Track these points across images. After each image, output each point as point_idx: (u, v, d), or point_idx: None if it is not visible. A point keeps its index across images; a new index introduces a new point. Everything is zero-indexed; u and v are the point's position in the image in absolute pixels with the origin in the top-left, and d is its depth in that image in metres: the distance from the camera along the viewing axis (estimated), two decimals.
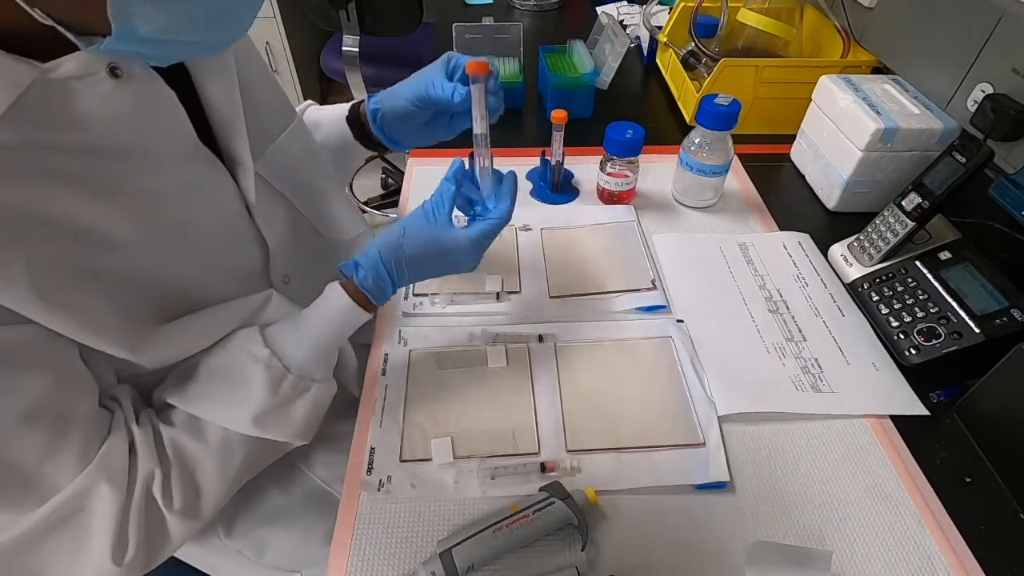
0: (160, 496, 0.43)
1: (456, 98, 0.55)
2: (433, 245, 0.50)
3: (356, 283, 0.50)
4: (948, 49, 0.67)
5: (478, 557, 0.43)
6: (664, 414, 0.54)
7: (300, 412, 0.49)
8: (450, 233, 0.50)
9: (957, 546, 0.46)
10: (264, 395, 0.46)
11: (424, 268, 0.52)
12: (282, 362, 0.48)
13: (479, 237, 0.51)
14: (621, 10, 1.23)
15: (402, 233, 0.51)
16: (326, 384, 0.52)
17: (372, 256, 0.50)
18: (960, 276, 0.59)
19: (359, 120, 0.65)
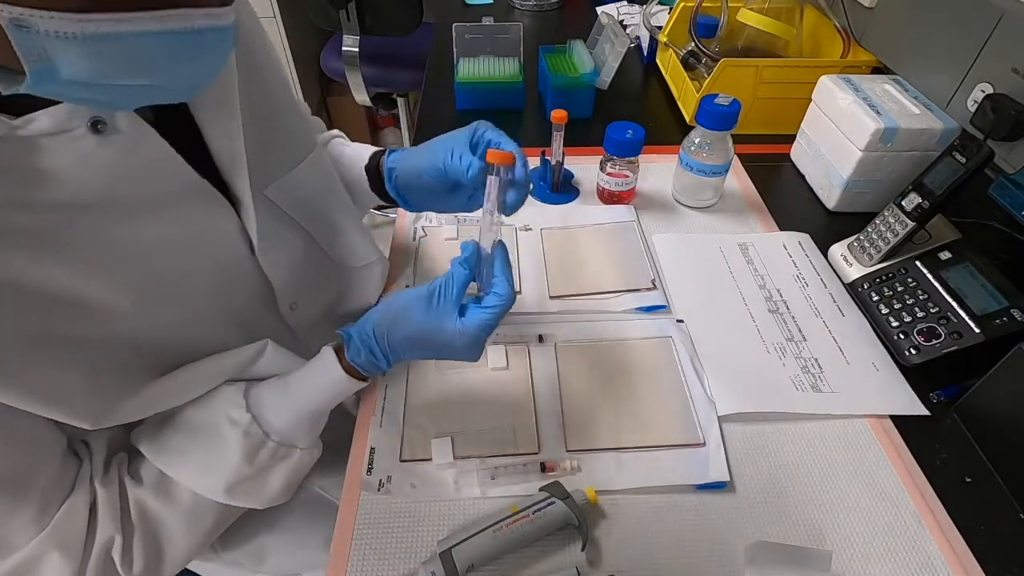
0: (119, 561, 0.42)
1: (470, 173, 0.50)
2: (430, 335, 0.46)
3: (348, 358, 0.47)
4: (948, 49, 0.67)
5: (478, 557, 0.43)
6: (664, 414, 0.54)
7: (277, 480, 0.47)
8: (451, 325, 0.45)
9: (957, 546, 0.46)
10: (239, 464, 0.44)
11: (420, 352, 0.48)
12: (263, 428, 0.45)
13: (478, 332, 0.45)
14: (621, 10, 1.23)
15: (401, 313, 0.46)
16: (310, 450, 0.49)
17: (365, 332, 0.46)
18: (960, 276, 0.59)
19: (377, 172, 0.61)
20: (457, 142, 0.53)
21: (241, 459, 0.44)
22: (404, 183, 0.58)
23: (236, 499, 0.45)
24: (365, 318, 0.47)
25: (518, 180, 0.50)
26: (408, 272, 0.67)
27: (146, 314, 0.41)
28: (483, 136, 0.53)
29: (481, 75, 0.96)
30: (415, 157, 0.57)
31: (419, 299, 0.46)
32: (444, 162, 0.52)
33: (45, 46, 0.27)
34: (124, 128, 0.37)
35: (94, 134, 0.35)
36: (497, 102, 0.95)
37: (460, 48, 0.97)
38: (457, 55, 0.97)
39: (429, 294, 0.46)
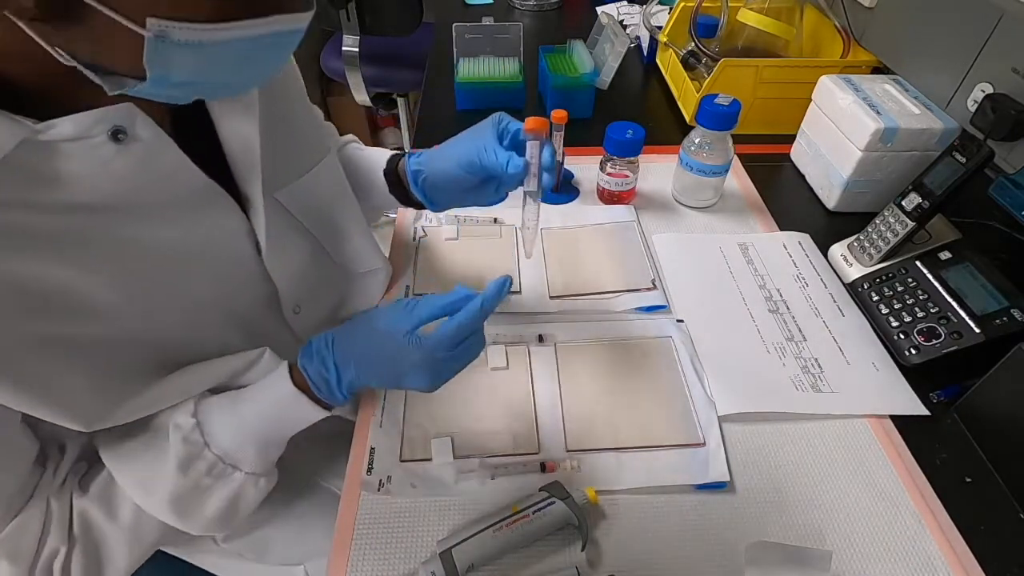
0: (59, 572, 0.41)
1: (511, 169, 0.50)
2: (384, 346, 0.43)
3: (299, 364, 0.45)
4: (948, 49, 0.67)
5: (478, 557, 0.43)
6: (664, 414, 0.54)
7: (215, 503, 0.44)
8: (405, 336, 0.43)
9: (957, 546, 0.46)
10: (174, 472, 0.42)
11: (373, 371, 0.45)
12: (204, 438, 0.43)
13: (434, 347, 0.42)
14: (621, 10, 1.23)
15: (364, 322, 0.45)
16: (255, 477, 0.45)
17: (323, 342, 0.45)
18: (960, 276, 0.59)
19: (396, 175, 0.61)
20: (486, 137, 0.52)
21: (176, 467, 0.42)
22: (433, 183, 0.57)
23: (174, 516, 0.43)
24: (332, 329, 0.46)
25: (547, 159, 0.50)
26: (408, 272, 0.67)
27: (152, 315, 0.41)
28: (508, 127, 0.53)
29: (481, 75, 0.96)
30: (442, 158, 0.56)
31: (388, 308, 0.45)
32: (480, 158, 0.52)
33: (170, 54, 0.29)
34: (143, 137, 0.37)
35: (114, 142, 0.36)
36: (497, 102, 0.95)
37: (460, 48, 0.97)
38: (457, 55, 0.97)
39: (398, 302, 0.45)
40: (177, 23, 0.28)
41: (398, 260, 0.68)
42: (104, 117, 0.35)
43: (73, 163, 0.34)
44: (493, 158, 0.51)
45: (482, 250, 0.70)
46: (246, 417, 0.45)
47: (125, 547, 0.44)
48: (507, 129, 0.53)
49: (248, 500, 0.46)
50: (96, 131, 0.35)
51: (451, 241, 0.71)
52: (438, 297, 0.45)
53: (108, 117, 0.35)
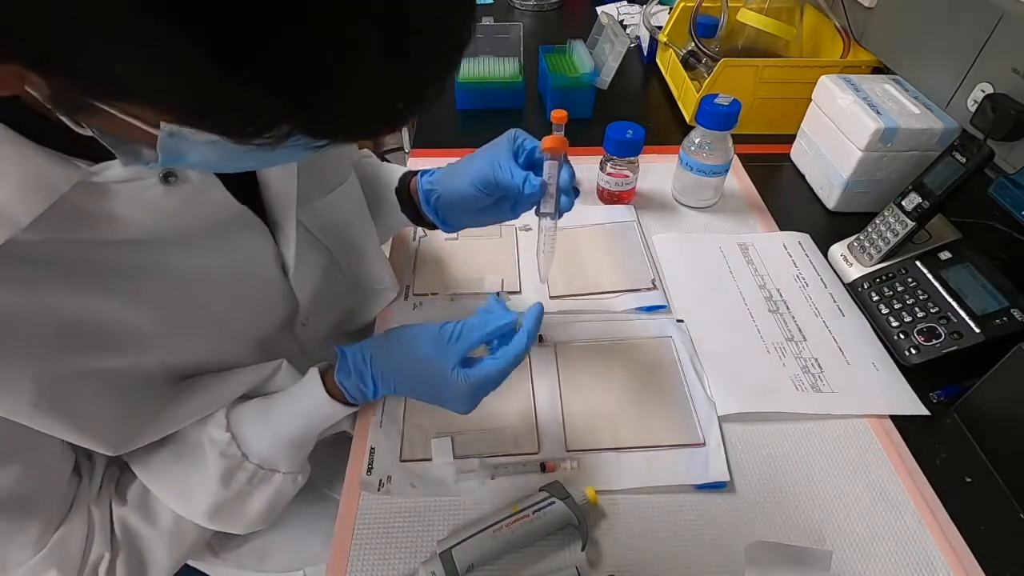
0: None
1: (527, 189, 0.48)
2: (429, 373, 0.44)
3: (336, 378, 0.46)
4: (948, 49, 0.67)
5: (478, 557, 0.43)
6: (664, 414, 0.54)
7: (257, 505, 0.46)
8: (453, 371, 0.44)
9: (957, 546, 0.46)
10: (216, 485, 0.44)
11: (413, 388, 0.47)
12: (241, 449, 0.44)
13: (482, 383, 0.44)
14: (621, 10, 1.23)
15: (404, 344, 0.45)
16: (292, 475, 0.48)
17: (361, 355, 0.46)
18: (960, 276, 0.59)
19: (408, 195, 0.59)
20: (502, 155, 0.51)
21: (218, 481, 0.43)
22: (446, 203, 0.55)
23: (216, 523, 0.45)
24: (364, 342, 0.47)
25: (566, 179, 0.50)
26: (408, 272, 0.67)
27: (183, 341, 0.42)
28: (524, 144, 0.51)
29: (481, 75, 0.96)
30: (456, 177, 0.54)
31: (428, 334, 0.45)
32: (496, 176, 0.50)
33: (185, 147, 0.27)
34: (192, 179, 0.37)
35: (163, 184, 0.36)
36: (497, 102, 0.95)
37: None
38: None
39: (440, 332, 0.45)
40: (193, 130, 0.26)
41: (398, 260, 0.68)
42: None
43: (123, 203, 0.35)
44: (509, 177, 0.49)
45: (482, 250, 0.70)
46: (280, 426, 0.46)
47: (166, 550, 0.45)
48: (523, 146, 0.51)
49: (287, 495, 0.48)
50: (148, 173, 0.35)
51: (451, 241, 0.71)
52: (479, 325, 0.45)
53: None
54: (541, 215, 0.51)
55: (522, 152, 0.51)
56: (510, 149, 0.51)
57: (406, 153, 1.93)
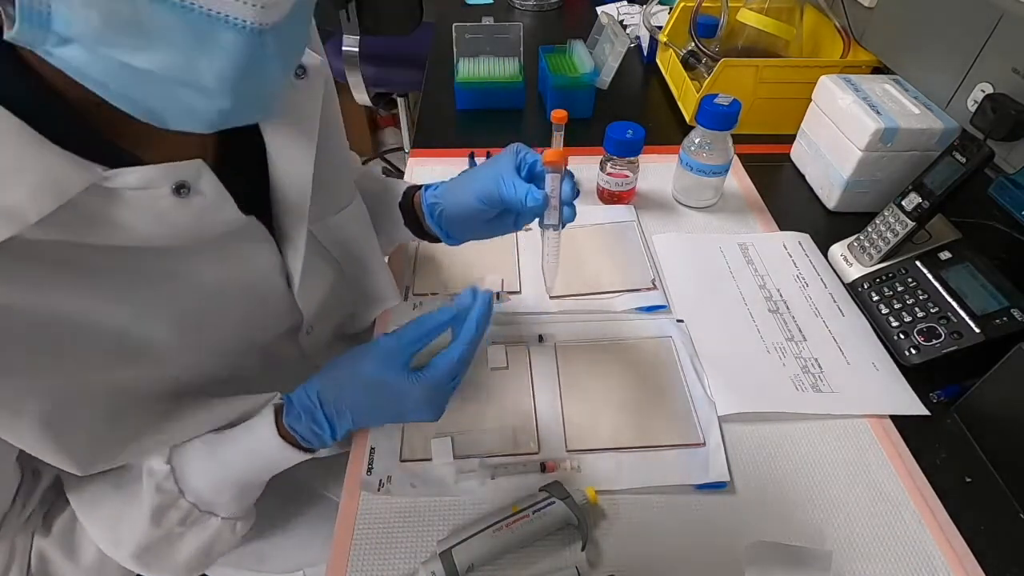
0: None
1: (530, 202, 0.48)
2: (380, 391, 0.43)
3: (285, 423, 0.43)
4: (948, 49, 0.67)
5: (478, 557, 0.43)
6: (664, 414, 0.54)
7: (187, 550, 0.43)
8: (402, 377, 0.42)
9: (957, 546, 0.46)
10: (146, 523, 0.40)
11: (371, 414, 0.45)
12: (178, 485, 0.41)
13: (437, 382, 0.42)
14: (621, 10, 1.23)
15: (347, 369, 0.44)
16: (231, 522, 0.44)
17: (306, 396, 0.43)
18: (960, 276, 0.59)
19: (412, 209, 0.59)
20: (505, 170, 0.51)
21: (148, 517, 0.40)
22: (450, 217, 0.55)
23: (141, 566, 0.42)
24: (309, 381, 0.44)
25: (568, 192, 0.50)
26: (408, 272, 0.67)
27: (182, 352, 0.41)
28: (525, 158, 0.52)
29: (481, 75, 0.96)
30: (460, 191, 0.54)
31: (367, 351, 0.43)
32: (499, 190, 0.50)
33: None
34: (205, 192, 0.36)
35: (175, 195, 0.35)
36: (497, 102, 0.95)
37: (460, 48, 0.97)
38: (457, 55, 0.97)
39: (377, 344, 0.43)
40: None
41: (398, 260, 0.68)
42: (171, 171, 0.34)
43: (132, 212, 0.34)
44: (512, 191, 0.49)
45: (482, 250, 0.70)
46: (226, 465, 0.43)
47: None
48: (525, 160, 0.51)
49: (223, 545, 0.45)
50: (160, 183, 0.34)
51: None
52: (413, 326, 0.44)
53: (175, 172, 0.35)
54: (544, 227, 0.51)
55: (524, 166, 0.51)
56: (512, 163, 0.51)
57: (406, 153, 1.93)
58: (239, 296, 0.44)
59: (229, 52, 0.28)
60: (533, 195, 0.48)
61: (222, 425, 0.44)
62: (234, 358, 0.46)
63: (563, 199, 0.50)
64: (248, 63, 0.29)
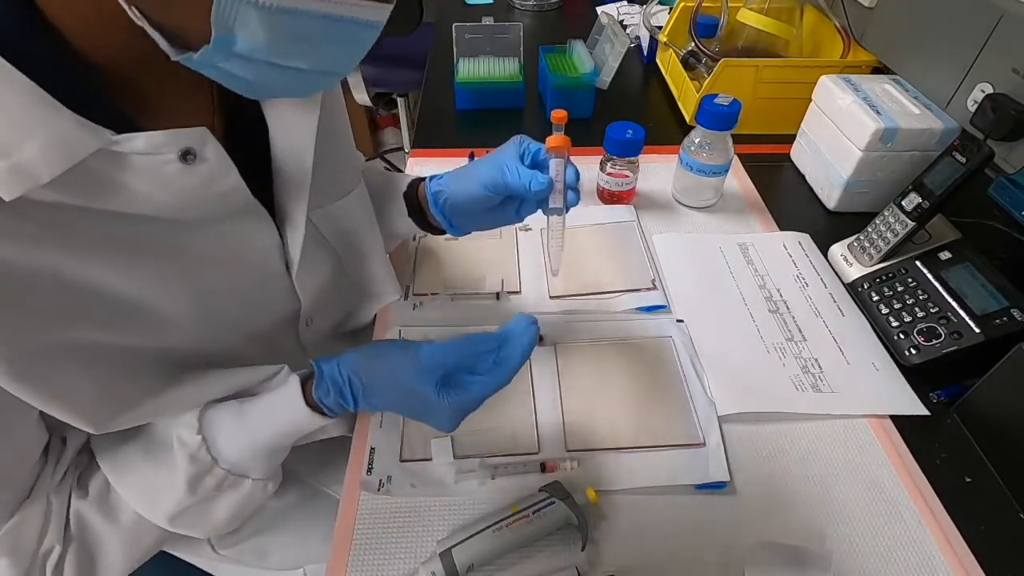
0: (51, 571, 0.41)
1: (534, 187, 0.50)
2: (411, 398, 0.44)
3: (314, 394, 0.44)
4: (948, 49, 0.67)
5: (478, 557, 0.43)
6: (664, 414, 0.54)
7: (223, 511, 0.45)
8: (435, 393, 0.43)
9: (957, 546, 0.46)
10: (182, 490, 0.42)
11: (394, 407, 0.47)
12: (211, 453, 0.43)
13: (466, 406, 0.44)
14: (621, 10, 1.23)
15: (384, 366, 0.45)
16: (263, 482, 0.46)
17: (340, 374, 0.44)
18: (960, 276, 0.59)
19: (416, 200, 0.60)
20: (509, 158, 0.52)
21: (184, 485, 0.42)
22: (455, 205, 0.56)
23: (178, 527, 0.44)
24: (343, 357, 0.45)
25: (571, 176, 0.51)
26: (408, 272, 0.67)
27: (183, 326, 0.41)
28: (529, 147, 0.53)
29: (481, 75, 0.96)
30: (465, 179, 0.55)
31: (407, 358, 0.44)
32: (503, 176, 0.52)
33: (237, 14, 0.29)
34: (210, 160, 0.37)
35: (181, 162, 0.36)
36: (497, 102, 0.95)
37: (460, 48, 0.97)
38: (457, 55, 0.97)
39: (420, 357, 0.44)
40: None
41: (398, 260, 0.68)
42: (178, 137, 0.35)
43: (140, 177, 0.35)
44: (516, 177, 0.51)
45: (482, 250, 0.70)
46: (255, 433, 0.44)
47: (121, 550, 0.44)
48: (528, 149, 0.53)
49: (255, 503, 0.47)
50: (167, 149, 0.35)
51: (451, 241, 0.71)
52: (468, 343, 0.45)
53: (181, 138, 0.35)
54: (549, 211, 0.52)
55: (527, 155, 0.53)
56: (516, 153, 0.53)
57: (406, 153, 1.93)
58: (240, 275, 0.44)
59: (364, 45, 0.35)
60: (538, 179, 0.50)
61: (231, 394, 0.45)
62: (235, 342, 0.46)
63: (567, 183, 0.51)
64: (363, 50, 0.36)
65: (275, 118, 0.43)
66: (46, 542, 0.41)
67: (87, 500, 0.43)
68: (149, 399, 0.41)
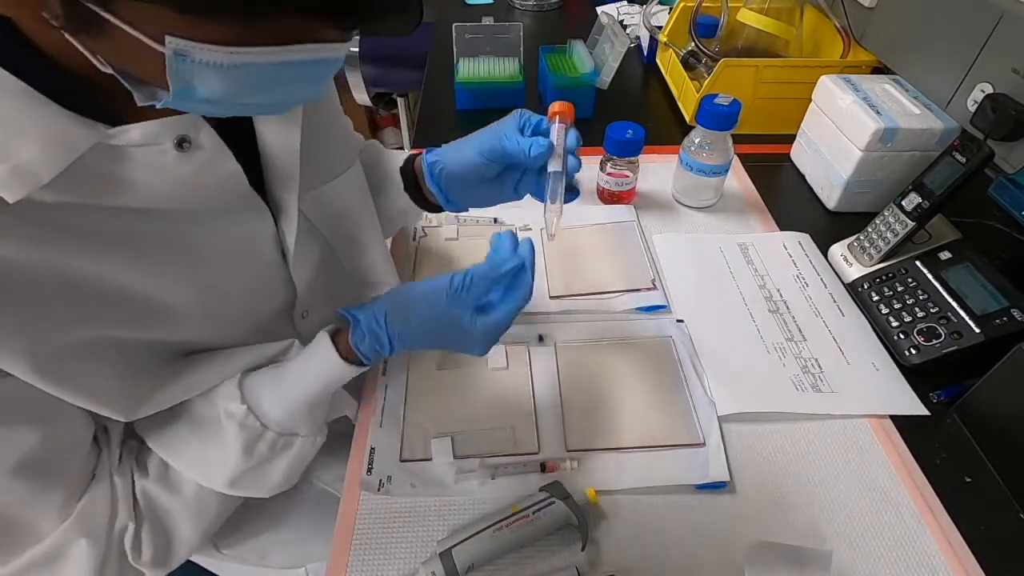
0: (130, 549, 0.43)
1: (534, 151, 0.49)
2: (445, 328, 0.46)
3: (350, 342, 0.46)
4: (948, 49, 0.67)
5: (478, 557, 0.43)
6: (664, 414, 0.54)
7: (279, 471, 0.47)
8: (468, 319, 0.45)
9: (957, 546, 0.46)
10: (238, 457, 0.44)
11: (429, 341, 0.48)
12: (260, 420, 0.45)
13: (496, 327, 0.46)
14: (621, 10, 1.23)
15: (416, 303, 0.46)
16: (311, 438, 0.49)
17: (374, 319, 0.46)
18: (960, 276, 0.59)
19: (412, 174, 0.59)
20: (508, 128, 0.52)
21: (240, 452, 0.44)
22: (450, 174, 0.55)
23: (239, 491, 0.46)
24: (375, 304, 0.47)
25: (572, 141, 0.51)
26: (408, 271, 0.67)
27: (198, 318, 0.42)
28: (530, 119, 0.52)
29: (481, 75, 0.96)
30: (461, 149, 0.54)
31: (438, 290, 0.46)
32: (501, 143, 0.51)
33: (192, 72, 0.29)
34: (206, 146, 0.38)
35: (178, 150, 0.36)
36: (497, 102, 0.95)
37: (460, 48, 0.97)
38: (457, 55, 0.98)
39: (450, 287, 0.45)
40: (196, 43, 0.28)
41: (398, 260, 0.68)
42: (172, 125, 0.36)
43: (138, 169, 0.35)
44: (515, 143, 0.50)
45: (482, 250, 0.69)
46: (295, 393, 0.46)
47: (190, 521, 0.46)
48: (529, 121, 0.52)
49: (307, 458, 0.49)
50: (163, 138, 0.36)
51: (451, 241, 0.71)
52: (487, 273, 0.46)
53: (176, 126, 0.36)
54: (549, 174, 0.50)
55: (528, 127, 0.52)
56: (516, 124, 0.52)
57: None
58: (241, 265, 0.45)
59: (327, 76, 0.36)
60: (538, 143, 0.49)
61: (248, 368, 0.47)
62: (235, 332, 0.47)
63: (567, 148, 0.50)
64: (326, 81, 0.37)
65: None
66: (119, 521, 0.43)
67: (149, 478, 0.45)
68: (169, 383, 0.43)
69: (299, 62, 0.32)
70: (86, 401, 0.38)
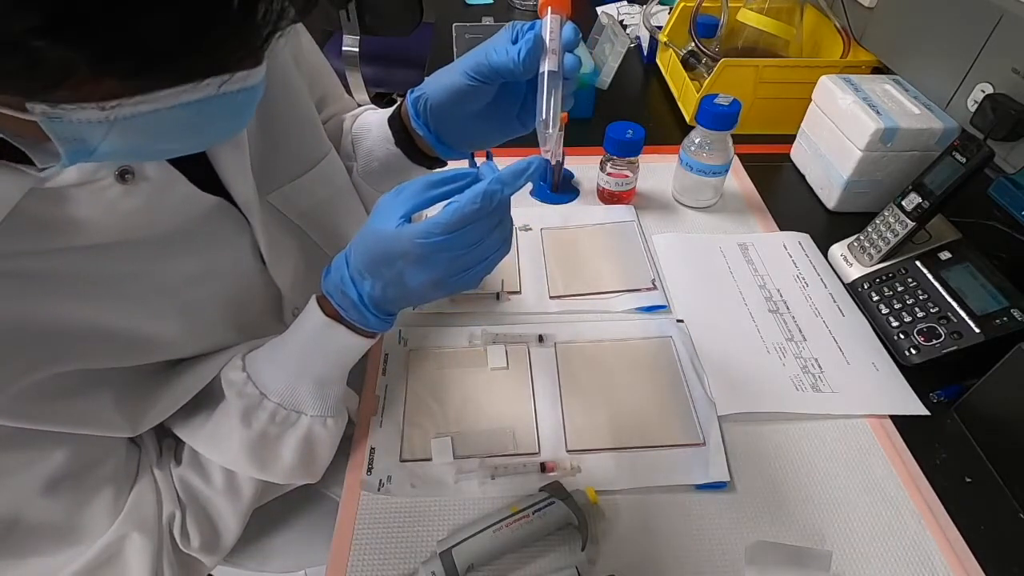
0: (179, 536, 0.43)
1: (522, 54, 0.41)
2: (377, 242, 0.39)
3: (323, 290, 0.43)
4: (948, 49, 0.67)
5: (478, 557, 0.43)
6: (664, 414, 0.54)
7: (289, 448, 0.45)
8: (393, 226, 0.38)
9: (957, 546, 0.46)
10: (238, 427, 0.43)
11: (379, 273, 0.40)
12: (258, 388, 0.44)
13: (421, 235, 0.37)
14: (621, 10, 1.23)
15: (366, 226, 0.41)
16: (321, 419, 0.46)
17: (340, 259, 0.42)
18: (960, 276, 0.59)
19: (400, 120, 0.52)
20: (497, 41, 0.44)
21: (239, 421, 0.43)
22: (437, 105, 0.47)
23: (254, 469, 0.44)
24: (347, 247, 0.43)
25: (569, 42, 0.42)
26: None
27: (177, 336, 0.42)
28: (523, 29, 0.44)
29: None
30: (445, 73, 0.46)
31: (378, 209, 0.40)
32: (489, 59, 0.43)
33: (79, 131, 0.25)
34: (151, 175, 0.37)
35: (120, 183, 0.35)
36: None
37: (460, 48, 0.97)
38: (457, 55, 0.97)
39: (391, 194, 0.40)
40: (66, 104, 0.24)
41: None
42: None
43: (80, 207, 0.34)
44: (503, 54, 0.42)
45: None
46: (289, 358, 0.45)
47: (228, 507, 0.46)
48: (522, 31, 0.44)
49: (322, 442, 0.47)
50: (101, 174, 0.34)
51: None
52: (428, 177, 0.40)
53: None
54: (542, 75, 0.41)
55: (522, 37, 0.43)
56: (508, 37, 0.44)
57: None
58: (218, 278, 0.45)
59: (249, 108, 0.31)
60: (526, 41, 0.41)
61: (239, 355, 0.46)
62: (222, 339, 0.47)
63: (564, 44, 0.42)
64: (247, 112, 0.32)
65: None
66: (166, 510, 0.43)
67: (183, 466, 0.45)
68: (171, 392, 0.43)
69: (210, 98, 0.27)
70: (87, 428, 0.38)
